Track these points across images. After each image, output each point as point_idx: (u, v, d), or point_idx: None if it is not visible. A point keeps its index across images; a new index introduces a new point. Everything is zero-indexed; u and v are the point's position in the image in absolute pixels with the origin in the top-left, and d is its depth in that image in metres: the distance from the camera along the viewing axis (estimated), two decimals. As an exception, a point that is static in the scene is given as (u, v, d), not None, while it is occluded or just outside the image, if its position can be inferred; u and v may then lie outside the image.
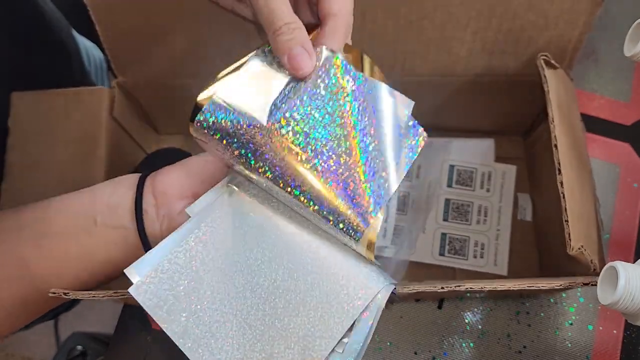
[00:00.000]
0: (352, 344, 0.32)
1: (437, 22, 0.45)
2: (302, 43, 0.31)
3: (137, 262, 0.32)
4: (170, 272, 0.33)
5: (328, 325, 0.32)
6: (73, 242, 0.36)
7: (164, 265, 0.33)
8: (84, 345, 0.56)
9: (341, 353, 0.32)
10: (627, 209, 0.55)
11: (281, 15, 0.30)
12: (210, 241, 0.34)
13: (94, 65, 0.60)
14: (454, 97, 0.52)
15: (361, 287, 0.33)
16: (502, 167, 0.56)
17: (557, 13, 0.43)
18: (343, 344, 0.32)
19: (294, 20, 0.31)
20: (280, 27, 0.30)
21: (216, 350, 0.32)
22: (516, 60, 0.47)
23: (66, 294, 0.34)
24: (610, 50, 0.62)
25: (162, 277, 0.32)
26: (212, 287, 0.33)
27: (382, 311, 0.33)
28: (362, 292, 0.33)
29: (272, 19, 0.30)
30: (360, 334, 0.32)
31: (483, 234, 0.53)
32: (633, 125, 0.59)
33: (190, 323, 0.32)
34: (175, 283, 0.33)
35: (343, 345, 0.32)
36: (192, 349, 0.32)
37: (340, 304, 0.32)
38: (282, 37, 0.30)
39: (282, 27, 0.30)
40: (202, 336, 0.32)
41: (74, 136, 0.47)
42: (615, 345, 0.49)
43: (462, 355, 0.49)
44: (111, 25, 0.45)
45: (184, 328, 0.32)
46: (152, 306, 0.32)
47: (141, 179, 0.37)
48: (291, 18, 0.31)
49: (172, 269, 0.33)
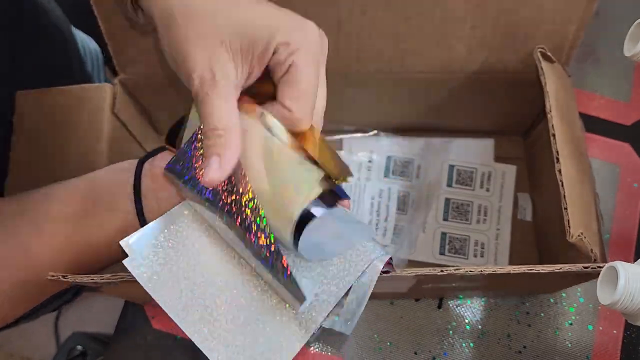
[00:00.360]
0: (350, 304, 0.34)
1: (435, 18, 0.45)
2: (218, 153, 0.30)
3: (133, 236, 0.33)
4: (165, 247, 0.33)
5: (328, 287, 0.33)
6: (72, 226, 0.36)
7: (160, 240, 0.33)
8: (84, 345, 0.56)
9: (341, 309, 0.34)
10: (627, 209, 0.55)
11: (210, 119, 0.30)
12: (203, 220, 0.34)
13: (90, 57, 0.60)
14: (453, 96, 0.52)
15: (358, 253, 0.34)
16: (502, 167, 0.56)
17: (553, 8, 0.43)
18: (342, 304, 0.34)
19: (222, 126, 0.30)
20: (207, 131, 0.30)
21: (213, 323, 0.32)
22: (514, 56, 0.47)
23: (65, 277, 0.34)
24: (610, 50, 0.62)
25: (157, 252, 0.33)
26: (207, 263, 0.33)
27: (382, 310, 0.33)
28: (359, 258, 0.34)
29: (203, 120, 0.30)
30: (358, 295, 0.34)
31: (483, 234, 0.53)
32: (633, 125, 0.59)
33: (185, 297, 0.32)
34: (169, 257, 0.33)
35: (341, 307, 0.34)
36: (189, 324, 0.32)
37: (337, 269, 0.34)
38: (205, 141, 0.30)
39: (207, 131, 0.30)
40: (198, 310, 0.32)
41: (76, 133, 0.47)
42: (615, 345, 0.49)
43: (462, 355, 0.49)
44: (114, 22, 0.45)
45: (179, 302, 0.32)
46: (145, 279, 0.32)
47: (139, 164, 0.37)
48: (220, 122, 0.30)
49: (167, 244, 0.33)
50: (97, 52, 0.62)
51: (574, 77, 0.48)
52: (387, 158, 0.57)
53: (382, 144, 0.58)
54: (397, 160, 0.57)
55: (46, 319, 0.57)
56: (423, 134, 0.58)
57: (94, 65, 0.61)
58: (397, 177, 0.57)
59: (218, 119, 0.30)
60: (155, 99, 0.54)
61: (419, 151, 0.57)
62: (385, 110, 0.56)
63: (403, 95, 0.53)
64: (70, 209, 0.37)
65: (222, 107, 0.30)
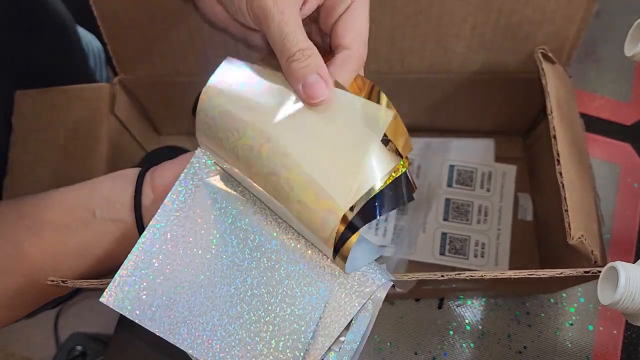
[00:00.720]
0: (348, 343, 0.32)
1: (433, 18, 0.45)
2: (317, 70, 0.29)
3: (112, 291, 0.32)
4: (143, 275, 0.32)
5: (325, 323, 0.32)
6: (71, 235, 0.36)
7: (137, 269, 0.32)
8: (84, 346, 0.56)
9: (337, 352, 0.32)
10: (627, 209, 0.55)
11: (295, 41, 0.28)
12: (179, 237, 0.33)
13: (93, 55, 0.60)
14: (453, 96, 0.52)
15: (358, 284, 0.32)
16: (502, 167, 0.56)
17: (554, 8, 0.43)
18: (340, 342, 0.32)
19: (309, 46, 0.29)
20: (295, 54, 0.28)
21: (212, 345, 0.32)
22: (514, 57, 0.47)
23: (64, 281, 0.34)
24: (610, 50, 0.62)
25: (135, 280, 0.32)
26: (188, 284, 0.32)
27: (382, 310, 0.33)
28: (359, 289, 0.32)
29: (285, 44, 0.29)
30: (357, 333, 0.32)
31: (483, 234, 0.53)
32: (633, 125, 0.59)
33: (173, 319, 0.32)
34: (149, 285, 0.32)
35: (339, 344, 0.32)
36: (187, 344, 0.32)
37: (337, 302, 0.32)
38: (296, 64, 0.29)
39: (296, 53, 0.28)
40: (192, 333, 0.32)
41: (75, 133, 0.47)
42: (616, 345, 0.49)
43: (462, 356, 0.49)
44: (114, 22, 0.45)
45: (170, 324, 0.32)
46: (130, 312, 0.32)
47: (140, 173, 0.37)
48: (306, 43, 0.29)
49: (143, 273, 0.32)
50: (99, 50, 0.62)
51: (574, 77, 0.48)
52: (387, 158, 0.57)
53: (382, 144, 0.58)
54: (397, 160, 0.57)
55: (46, 319, 0.57)
56: (423, 134, 0.58)
57: (96, 63, 0.61)
58: (397, 177, 0.57)
59: (303, 40, 0.29)
60: (155, 99, 0.54)
61: (419, 151, 0.57)
62: (385, 110, 0.56)
63: (402, 95, 0.53)
64: (69, 217, 0.36)
65: (301, 27, 0.29)
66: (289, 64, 0.29)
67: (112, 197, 0.36)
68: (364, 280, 0.32)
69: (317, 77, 0.29)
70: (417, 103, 0.54)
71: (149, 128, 0.58)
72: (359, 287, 0.32)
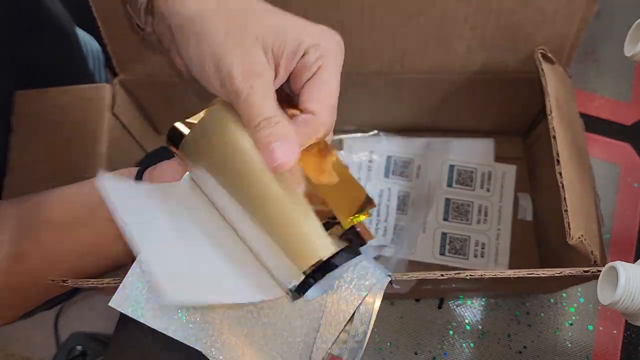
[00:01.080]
0: (352, 336, 0.32)
1: (434, 18, 0.45)
2: (284, 137, 0.29)
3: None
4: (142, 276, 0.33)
5: (328, 317, 0.32)
6: (71, 233, 0.36)
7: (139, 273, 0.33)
8: (84, 345, 0.56)
9: (343, 344, 0.32)
10: (627, 209, 0.55)
11: (260, 110, 0.29)
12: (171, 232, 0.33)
13: (92, 56, 0.60)
14: (454, 96, 0.52)
15: (358, 277, 0.32)
16: (502, 167, 0.56)
17: (554, 8, 0.43)
18: (344, 335, 0.32)
19: (275, 114, 0.29)
20: (260, 123, 0.29)
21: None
22: (514, 57, 0.47)
23: (65, 281, 0.34)
24: (610, 50, 0.62)
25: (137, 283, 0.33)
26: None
27: (382, 310, 0.33)
28: (359, 282, 0.32)
29: (250, 114, 0.29)
30: (360, 326, 0.32)
31: (483, 234, 0.53)
32: (633, 125, 0.59)
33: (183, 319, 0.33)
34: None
35: (345, 337, 0.32)
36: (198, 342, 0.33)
37: (338, 295, 0.32)
38: (262, 132, 0.29)
39: (261, 122, 0.29)
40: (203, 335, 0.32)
41: (75, 133, 0.47)
42: (615, 345, 0.49)
43: (462, 355, 0.49)
44: (114, 22, 0.45)
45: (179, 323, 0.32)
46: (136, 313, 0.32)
47: (139, 172, 0.37)
48: (271, 112, 0.29)
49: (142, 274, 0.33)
50: (98, 51, 0.62)
51: (574, 77, 0.48)
52: (387, 158, 0.57)
53: (382, 144, 0.58)
54: (397, 160, 0.57)
55: (46, 319, 0.57)
56: (423, 134, 0.58)
57: (95, 64, 0.61)
58: (397, 177, 0.57)
59: (270, 109, 0.29)
60: (155, 99, 0.54)
61: (419, 151, 0.57)
62: (385, 110, 0.56)
63: (403, 95, 0.53)
64: (67, 216, 0.36)
65: (271, 98, 0.30)
66: (255, 133, 0.29)
67: None
68: (363, 274, 0.32)
69: (281, 143, 0.29)
70: (417, 103, 0.54)
71: (149, 128, 0.58)
72: (359, 281, 0.32)
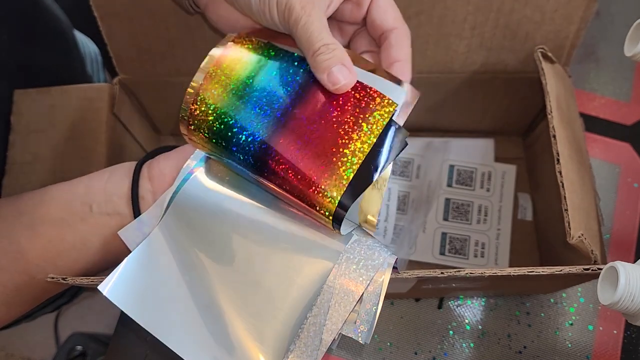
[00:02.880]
0: (364, 316, 0.32)
1: (434, 18, 0.45)
2: (341, 61, 0.31)
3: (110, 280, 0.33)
4: (137, 270, 0.33)
5: (337, 298, 0.32)
6: (69, 230, 0.36)
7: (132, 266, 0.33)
8: (84, 346, 0.56)
9: (354, 324, 0.32)
10: (627, 209, 0.55)
11: (319, 37, 0.31)
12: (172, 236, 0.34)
13: (90, 58, 0.60)
14: (453, 95, 0.52)
15: (365, 258, 0.33)
16: (502, 167, 0.56)
17: (554, 8, 0.43)
18: (355, 315, 0.32)
19: (333, 41, 0.32)
20: (319, 48, 0.31)
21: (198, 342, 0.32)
22: (514, 56, 0.47)
23: (64, 279, 0.34)
24: (610, 50, 0.62)
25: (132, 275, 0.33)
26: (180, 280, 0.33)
27: (382, 310, 0.33)
28: (367, 263, 0.32)
29: (310, 41, 0.31)
30: (371, 307, 0.32)
31: (483, 234, 0.53)
32: (633, 125, 0.59)
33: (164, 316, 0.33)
34: (143, 280, 0.33)
35: (355, 317, 0.32)
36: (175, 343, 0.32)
37: (347, 276, 0.32)
38: (321, 57, 0.31)
39: (321, 47, 0.31)
40: (180, 331, 0.32)
41: (75, 133, 0.47)
42: (615, 345, 0.49)
43: (462, 355, 0.49)
44: (113, 22, 0.45)
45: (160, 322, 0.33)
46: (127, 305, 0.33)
47: (137, 166, 0.37)
48: (329, 39, 0.32)
49: (138, 268, 0.33)
50: (96, 53, 0.62)
51: (574, 77, 0.48)
52: (387, 158, 0.57)
53: (382, 144, 0.58)
54: (397, 160, 0.57)
55: (46, 319, 0.57)
56: (423, 134, 0.58)
57: (93, 66, 0.61)
58: (397, 177, 0.57)
59: (327, 35, 0.31)
60: (155, 99, 0.54)
61: (419, 151, 0.57)
62: (385, 110, 0.56)
63: (403, 95, 0.53)
64: (66, 212, 0.36)
65: (326, 25, 0.32)
66: (314, 58, 0.32)
67: (109, 190, 0.37)
68: (370, 254, 0.33)
69: (341, 66, 0.31)
70: (418, 104, 0.54)
71: (149, 128, 0.58)
72: (366, 261, 0.33)
